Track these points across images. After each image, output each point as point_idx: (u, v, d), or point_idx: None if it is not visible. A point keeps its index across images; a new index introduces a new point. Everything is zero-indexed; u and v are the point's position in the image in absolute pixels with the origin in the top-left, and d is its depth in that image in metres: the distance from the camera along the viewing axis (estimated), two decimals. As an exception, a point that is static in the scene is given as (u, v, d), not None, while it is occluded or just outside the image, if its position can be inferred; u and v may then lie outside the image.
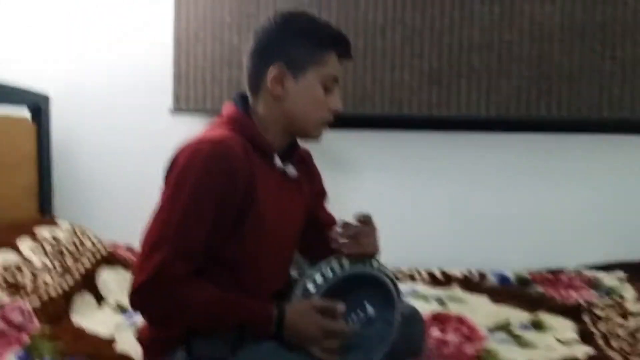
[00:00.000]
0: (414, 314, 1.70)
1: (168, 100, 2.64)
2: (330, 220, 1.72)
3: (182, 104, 2.64)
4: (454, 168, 2.64)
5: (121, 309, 2.06)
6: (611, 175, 2.60)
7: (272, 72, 1.43)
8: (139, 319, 1.95)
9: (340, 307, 1.40)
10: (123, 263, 2.31)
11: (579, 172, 2.61)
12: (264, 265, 1.46)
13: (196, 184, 1.34)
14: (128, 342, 1.76)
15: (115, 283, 2.18)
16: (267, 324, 1.36)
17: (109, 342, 1.78)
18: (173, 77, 2.63)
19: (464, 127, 2.60)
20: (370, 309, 1.50)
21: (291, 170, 1.51)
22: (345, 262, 1.45)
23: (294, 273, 1.59)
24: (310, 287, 1.41)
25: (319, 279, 1.42)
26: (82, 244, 2.25)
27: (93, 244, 2.29)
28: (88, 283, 2.10)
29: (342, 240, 1.47)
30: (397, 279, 1.62)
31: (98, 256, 2.24)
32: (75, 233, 2.28)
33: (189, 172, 1.35)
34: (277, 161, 1.48)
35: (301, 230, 1.59)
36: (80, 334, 1.79)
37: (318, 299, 1.40)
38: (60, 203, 2.70)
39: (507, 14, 2.47)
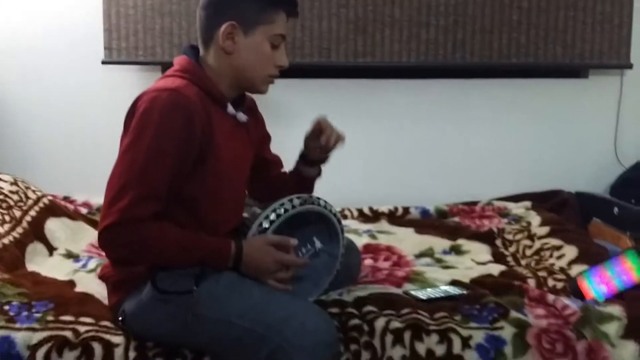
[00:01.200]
0: (350, 245, 1.90)
1: (99, 51, 2.65)
2: (277, 160, 1.87)
3: (114, 55, 2.67)
4: (378, 113, 2.82)
5: (71, 256, 2.15)
6: (518, 116, 2.85)
7: (224, 27, 1.52)
8: (92, 263, 2.08)
9: (293, 241, 1.56)
10: (67, 213, 2.38)
11: (489, 113, 2.84)
12: (221, 203, 1.59)
13: (156, 128, 1.44)
14: (87, 284, 1.86)
15: (62, 232, 2.26)
16: (225, 258, 1.50)
17: (70, 285, 1.87)
18: (103, 28, 2.64)
19: (386, 75, 2.78)
20: (318, 243, 1.68)
21: (241, 116, 1.62)
22: (296, 201, 1.60)
23: (245, 214, 1.74)
24: (265, 223, 1.56)
25: (272, 215, 1.57)
26: (26, 195, 2.29)
27: (36, 195, 2.34)
28: (37, 233, 2.17)
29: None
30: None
31: (42, 206, 2.30)
32: (17, 184, 2.32)
33: (148, 118, 1.44)
34: (230, 108, 1.59)
35: (250, 171, 1.73)
36: (41, 280, 1.87)
37: (271, 234, 1.56)
38: (-6, 156, 2.71)
39: (425, -34, 2.64)
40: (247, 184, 1.74)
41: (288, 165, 1.85)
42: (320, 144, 1.65)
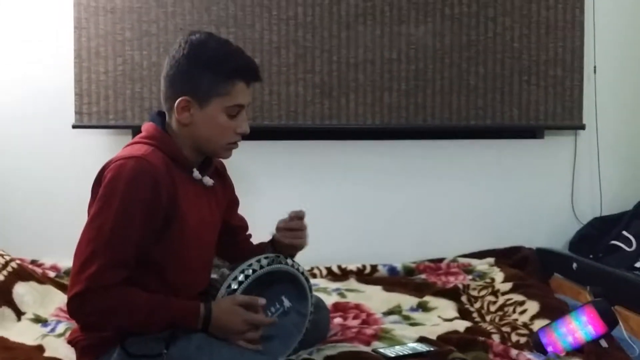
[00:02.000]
0: (319, 304, 1.93)
1: (70, 115, 2.70)
2: (243, 225, 1.91)
3: (85, 119, 2.71)
4: (344, 173, 2.89)
5: (40, 321, 2.13)
6: (479, 175, 2.94)
7: (178, 101, 1.56)
8: (60, 327, 2.06)
9: (261, 301, 1.59)
10: (35, 277, 2.37)
11: (452, 173, 2.93)
12: (188, 267, 1.61)
13: (123, 196, 1.47)
14: (56, 349, 1.85)
15: (30, 296, 2.25)
16: (194, 321, 1.52)
17: (39, 350, 1.86)
18: (74, 93, 2.69)
19: (352, 136, 2.87)
20: (287, 302, 1.71)
21: (207, 180, 1.66)
22: (264, 261, 1.63)
23: (214, 275, 1.76)
24: (234, 285, 1.59)
25: (240, 277, 1.60)
26: (-7, 259, 2.28)
27: (3, 259, 2.33)
28: (5, 297, 2.15)
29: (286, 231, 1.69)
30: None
31: (10, 270, 2.29)
32: (-15, 249, 2.32)
33: (115, 186, 1.48)
34: (196, 173, 1.63)
35: (218, 234, 1.76)
36: (10, 345, 1.86)
37: (240, 295, 1.59)
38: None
39: (386, 35, 2.77)
40: (215, 246, 1.76)
41: (254, 227, 1.89)
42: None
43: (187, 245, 1.58)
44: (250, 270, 1.61)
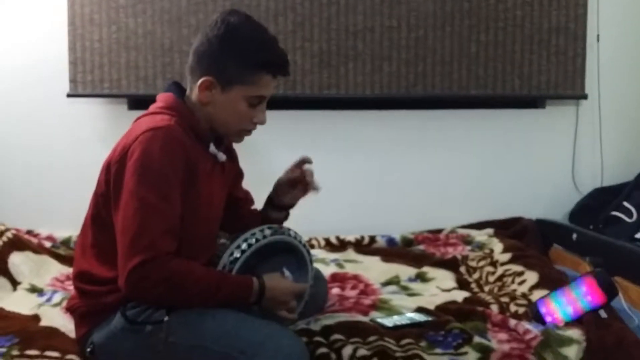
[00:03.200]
0: (317, 274, 1.93)
1: (65, 84, 2.66)
2: (248, 198, 1.90)
3: (79, 88, 2.67)
4: (343, 143, 2.87)
5: (36, 291, 2.13)
6: (479, 145, 2.92)
7: (201, 80, 1.55)
8: (56, 297, 2.05)
9: None
10: (31, 247, 2.36)
11: (451, 143, 2.90)
12: (196, 240, 1.59)
13: (161, 166, 1.46)
14: (52, 318, 1.85)
15: (26, 266, 2.24)
16: (249, 294, 1.51)
17: (34, 319, 1.85)
18: (69, 61, 2.65)
19: (350, 106, 2.84)
20: (287, 273, 1.70)
21: (221, 155, 1.64)
22: (267, 231, 1.63)
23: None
24: (237, 253, 1.58)
25: (243, 245, 1.59)
26: (-11, 229, 2.27)
27: (-1, 229, 2.32)
28: (0, 267, 2.15)
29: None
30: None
31: (5, 240, 2.28)
32: (-20, 219, 2.30)
33: (151, 157, 1.46)
34: (212, 148, 1.61)
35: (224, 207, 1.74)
36: (5, 315, 1.86)
37: (243, 263, 1.57)
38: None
39: (386, 2, 2.71)
40: (221, 217, 1.74)
41: (256, 197, 1.87)
42: (292, 190, 1.74)
43: (197, 218, 1.57)
44: (254, 240, 1.60)
